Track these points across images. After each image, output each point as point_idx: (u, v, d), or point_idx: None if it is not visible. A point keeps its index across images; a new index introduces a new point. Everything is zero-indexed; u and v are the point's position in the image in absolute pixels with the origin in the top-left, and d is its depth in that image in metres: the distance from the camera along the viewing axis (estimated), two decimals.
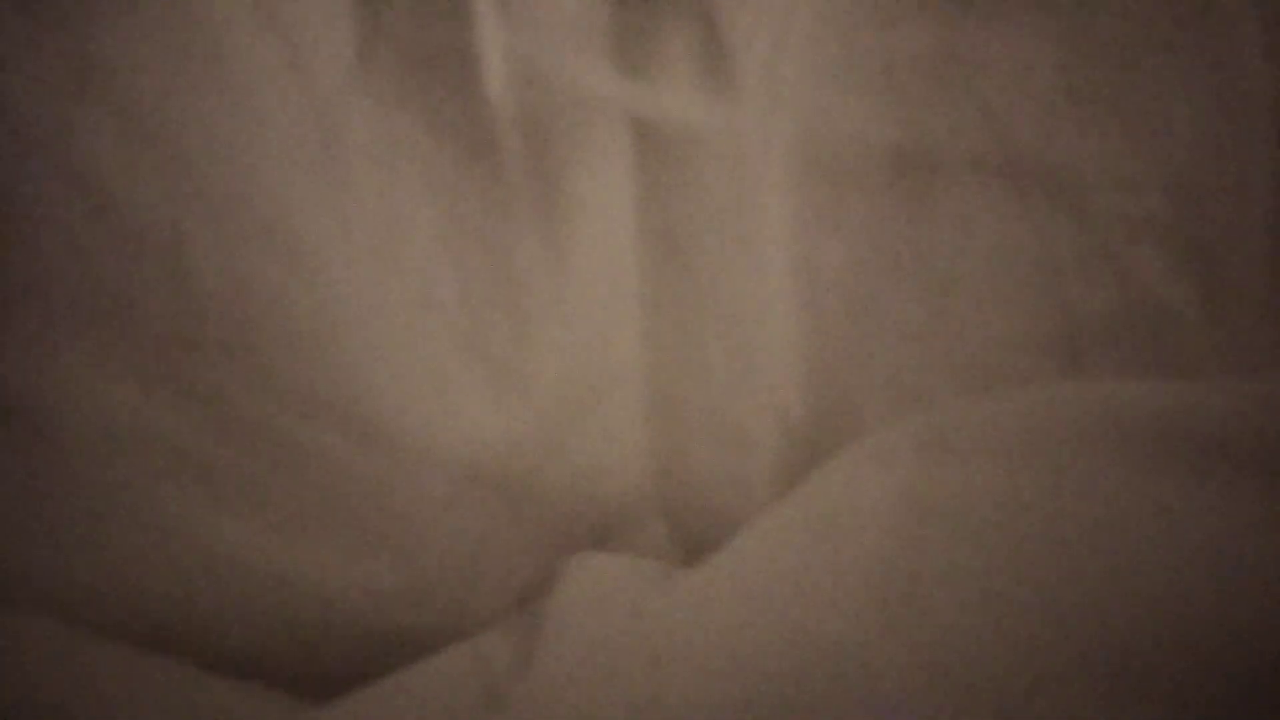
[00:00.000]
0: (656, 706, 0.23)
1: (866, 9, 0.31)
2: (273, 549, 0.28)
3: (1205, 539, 0.19)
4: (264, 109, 0.28)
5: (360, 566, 0.29)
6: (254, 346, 0.27)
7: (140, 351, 0.27)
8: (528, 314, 0.29)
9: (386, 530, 0.29)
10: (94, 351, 0.27)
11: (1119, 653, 0.19)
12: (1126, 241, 0.30)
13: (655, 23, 0.29)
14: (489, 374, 0.29)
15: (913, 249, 0.31)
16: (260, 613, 0.29)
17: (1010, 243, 0.30)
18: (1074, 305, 0.30)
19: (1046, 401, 0.24)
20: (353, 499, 0.29)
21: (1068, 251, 0.30)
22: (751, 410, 0.31)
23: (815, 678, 0.19)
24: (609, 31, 0.29)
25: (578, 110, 0.29)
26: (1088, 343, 0.30)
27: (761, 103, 0.30)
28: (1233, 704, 0.17)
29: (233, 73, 0.28)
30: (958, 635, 0.19)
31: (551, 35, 0.29)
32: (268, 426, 0.28)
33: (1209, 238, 0.30)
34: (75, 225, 0.27)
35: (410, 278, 0.29)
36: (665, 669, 0.24)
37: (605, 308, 0.30)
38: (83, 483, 0.28)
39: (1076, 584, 0.19)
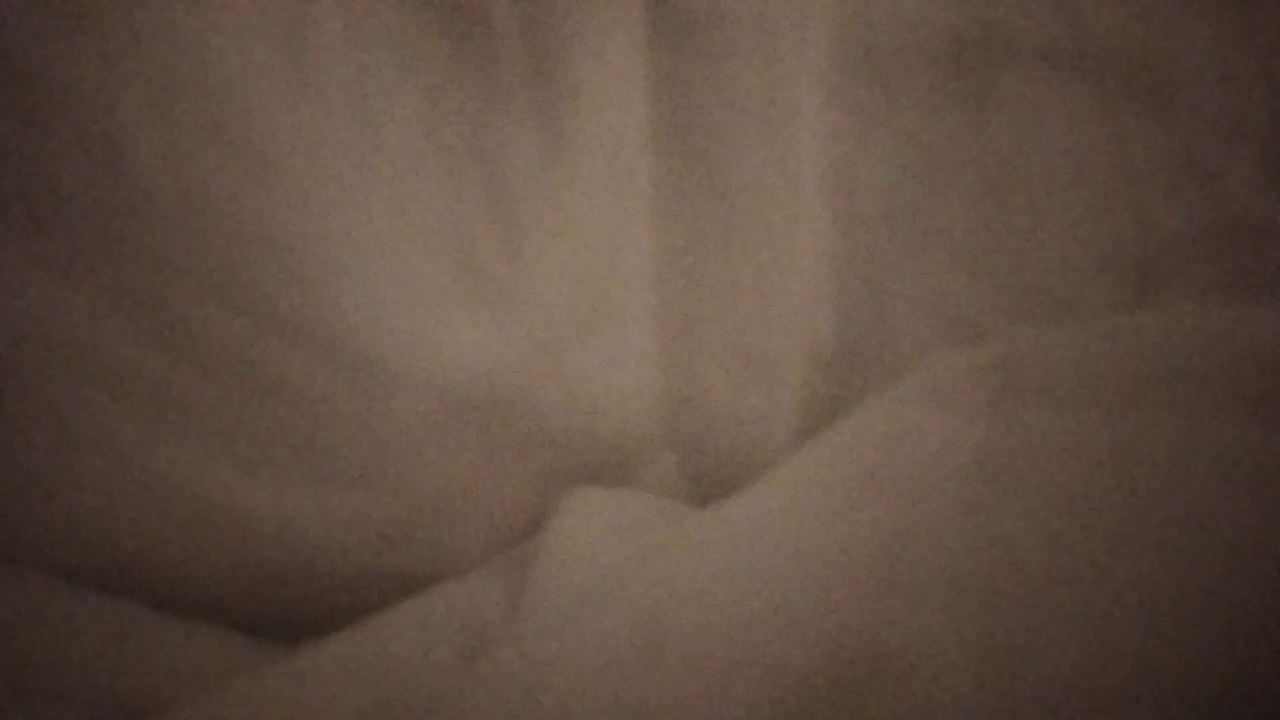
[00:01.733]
0: (651, 663, 0.20)
1: None
2: (235, 481, 0.25)
3: None
4: (231, 45, 0.23)
5: (332, 502, 0.26)
6: (207, 257, 0.24)
7: (78, 255, 0.23)
8: (522, 222, 0.25)
9: (361, 462, 0.25)
10: (24, 251, 0.23)
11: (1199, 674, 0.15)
12: (1217, 146, 0.26)
13: None
14: (478, 290, 0.25)
15: (968, 153, 0.27)
16: (221, 551, 0.26)
17: (1082, 146, 0.26)
18: (1154, 220, 0.26)
19: (1126, 335, 0.20)
20: (323, 427, 0.25)
21: (1149, 157, 0.26)
22: (776, 335, 0.27)
23: (851, 675, 0.16)
24: None
25: (594, 17, 0.24)
26: (1169, 264, 0.25)
27: None
28: None
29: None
30: (1032, 645, 0.15)
31: None
32: (226, 346, 0.24)
33: None
34: None
35: (387, 180, 0.24)
36: (664, 621, 0.21)
37: (611, 216, 0.26)
38: (25, 409, 0.24)
39: (1163, 578, 0.16)
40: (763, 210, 0.27)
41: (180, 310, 0.24)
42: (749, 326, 0.27)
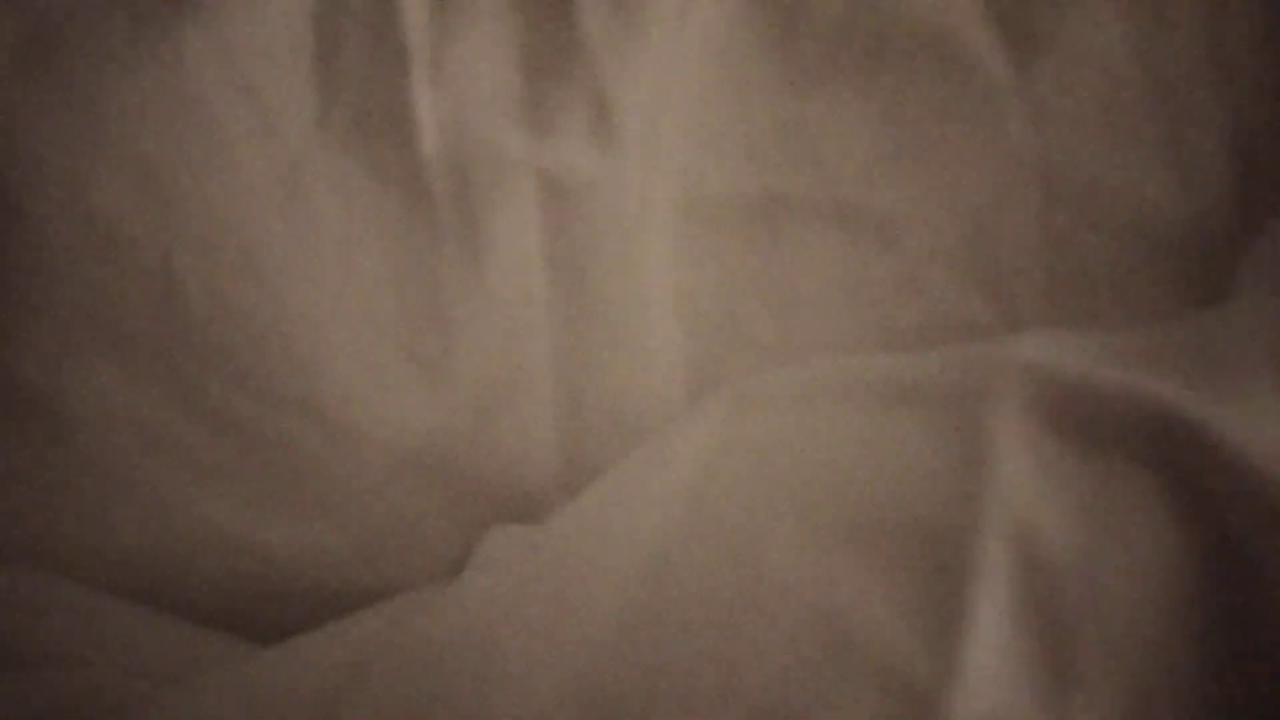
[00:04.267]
0: (555, 639, 0.27)
1: (730, 86, 0.37)
2: (239, 517, 0.33)
3: (897, 459, 0.24)
4: (241, 159, 0.33)
5: (311, 532, 0.33)
6: (228, 350, 0.32)
7: (135, 355, 0.32)
8: (453, 324, 0.34)
9: (333, 501, 0.33)
10: (97, 355, 0.32)
11: None
12: (929, 267, 0.36)
13: (557, 94, 0.35)
14: (420, 372, 0.34)
15: (767, 277, 0.37)
16: (227, 570, 0.33)
17: (840, 271, 0.36)
18: (890, 320, 0.36)
19: (831, 369, 0.29)
20: (305, 475, 0.33)
21: (885, 277, 0.36)
22: (643, 404, 0.36)
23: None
24: (521, 99, 0.35)
25: (495, 164, 0.35)
26: (899, 349, 0.35)
27: (643, 160, 0.36)
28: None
29: (214, 129, 0.33)
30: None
31: (475, 102, 0.35)
32: (238, 415, 0.32)
33: (995, 262, 0.36)
34: (85, 255, 0.31)
35: (358, 295, 0.34)
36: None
37: (518, 321, 0.35)
38: (84, 462, 0.32)
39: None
40: (627, 316, 0.36)
41: (209, 390, 0.32)
42: (622, 399, 0.36)
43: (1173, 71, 0.36)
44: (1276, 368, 0.23)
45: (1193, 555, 0.22)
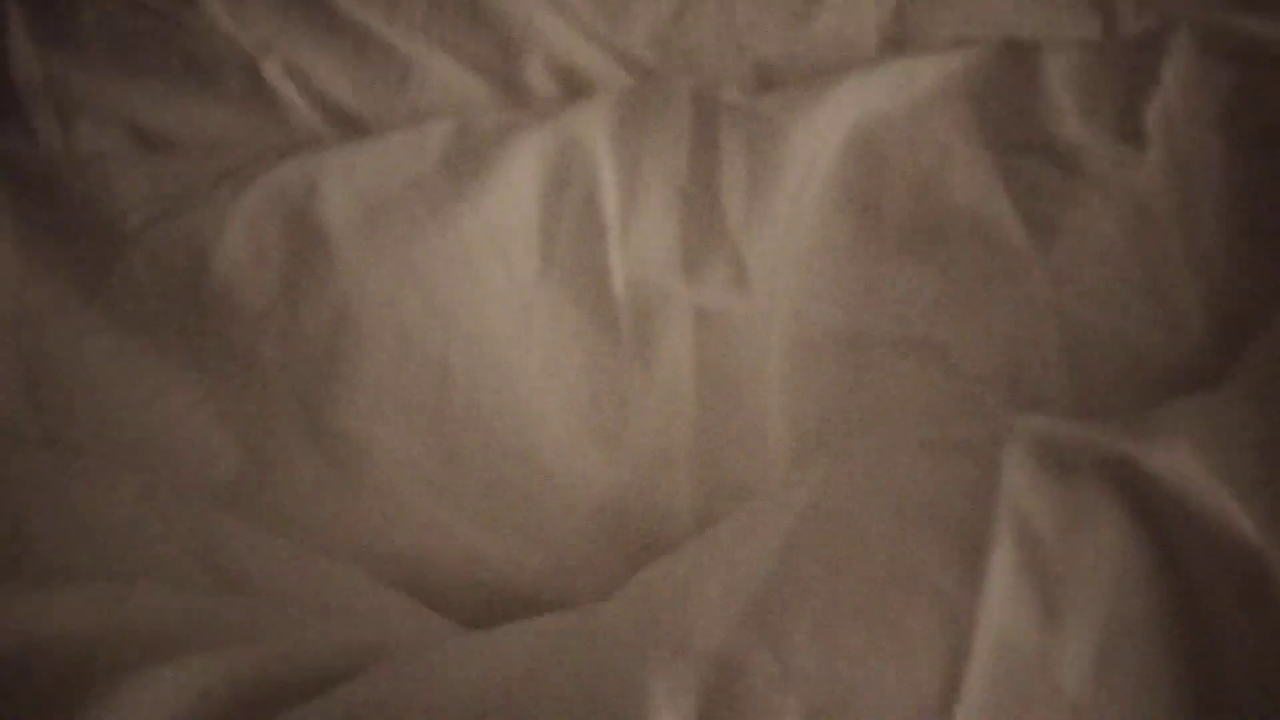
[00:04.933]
0: None
1: (829, 252, 0.51)
2: (472, 533, 0.45)
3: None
4: (492, 296, 0.48)
5: (519, 549, 0.45)
6: (478, 416, 0.46)
7: (419, 418, 0.46)
8: (628, 411, 0.48)
9: (536, 529, 0.46)
10: (393, 417, 0.46)
11: None
12: (980, 388, 0.48)
13: (707, 253, 0.50)
14: (603, 444, 0.47)
15: (855, 392, 0.49)
16: (456, 571, 0.45)
17: (910, 388, 0.48)
18: (948, 425, 0.47)
19: (894, 435, 0.40)
20: (521, 507, 0.46)
21: (947, 394, 0.48)
22: (759, 479, 0.48)
23: None
24: (682, 257, 0.50)
25: (663, 302, 0.49)
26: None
27: (767, 302, 0.50)
28: None
29: (477, 277, 0.49)
30: None
31: (650, 260, 0.49)
32: (481, 461, 0.46)
33: (1030, 386, 0.48)
34: (392, 350, 0.46)
35: (565, 388, 0.48)
36: None
37: (674, 412, 0.48)
38: (374, 488, 0.45)
39: None
40: (751, 417, 0.49)
41: (457, 438, 0.46)
42: (744, 476, 0.48)
43: (1155, 251, 0.49)
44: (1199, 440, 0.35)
45: (1140, 544, 0.32)
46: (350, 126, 0.59)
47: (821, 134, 0.52)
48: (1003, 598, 0.31)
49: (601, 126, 0.53)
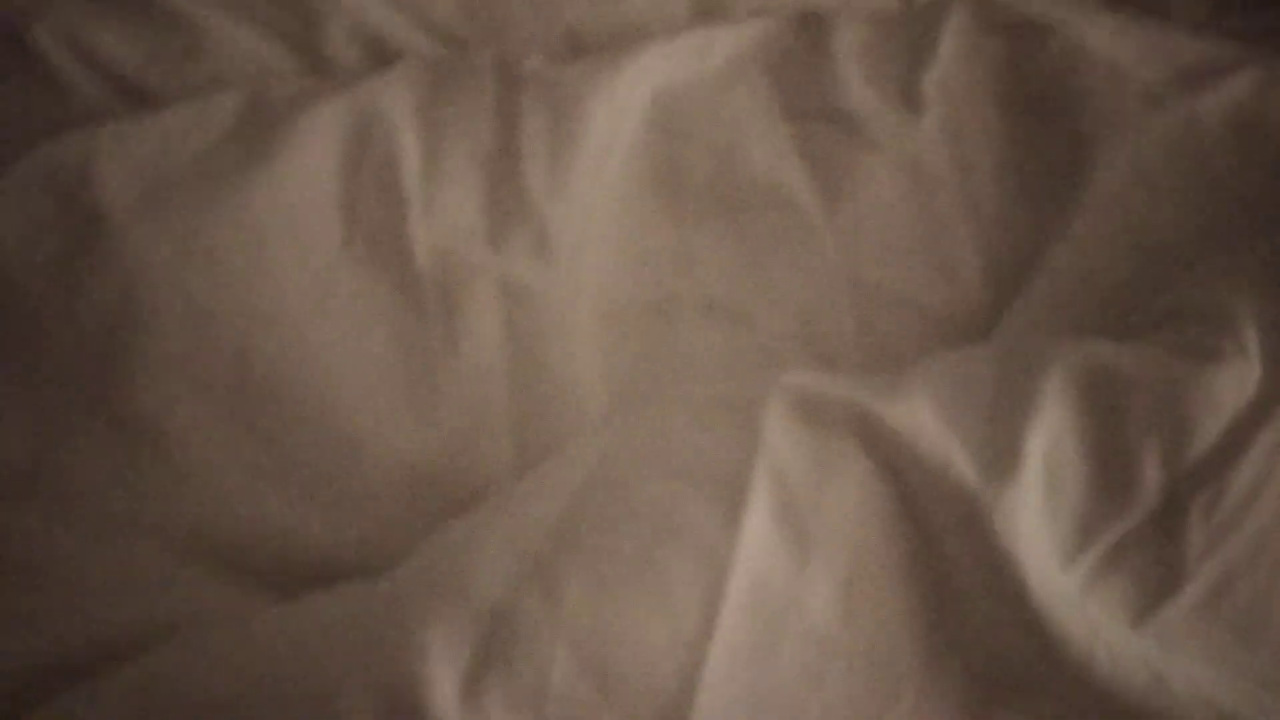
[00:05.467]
0: None
1: (632, 221, 0.52)
2: (283, 508, 0.44)
3: None
4: (289, 270, 0.47)
5: (330, 520, 0.45)
6: (281, 390, 0.46)
7: (219, 393, 0.45)
8: (437, 383, 0.48)
9: (349, 499, 0.45)
10: (195, 393, 0.45)
11: None
12: (780, 344, 0.50)
13: (510, 225, 0.50)
14: (414, 414, 0.47)
15: (664, 352, 0.51)
16: (270, 545, 0.44)
17: (714, 349, 0.50)
18: (733, 385, 0.49)
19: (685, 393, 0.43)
20: (331, 479, 0.45)
21: (747, 351, 0.50)
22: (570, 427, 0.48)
23: None
24: (485, 229, 0.50)
25: (468, 273, 0.49)
26: None
27: (571, 270, 0.50)
28: None
29: (270, 252, 0.47)
30: None
31: (452, 232, 0.49)
32: (287, 436, 0.45)
33: (824, 341, 0.50)
34: (187, 329, 0.45)
35: (371, 361, 0.47)
36: None
37: (484, 382, 0.48)
38: (178, 467, 0.44)
39: None
40: (563, 383, 0.50)
41: (263, 413, 0.45)
42: (559, 443, 0.49)
43: (933, 210, 0.52)
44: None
45: (881, 491, 0.36)
46: (137, 100, 0.56)
47: (622, 104, 0.53)
48: (758, 543, 0.34)
49: (403, 96, 0.52)
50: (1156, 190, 0.50)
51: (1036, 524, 0.35)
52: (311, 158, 0.49)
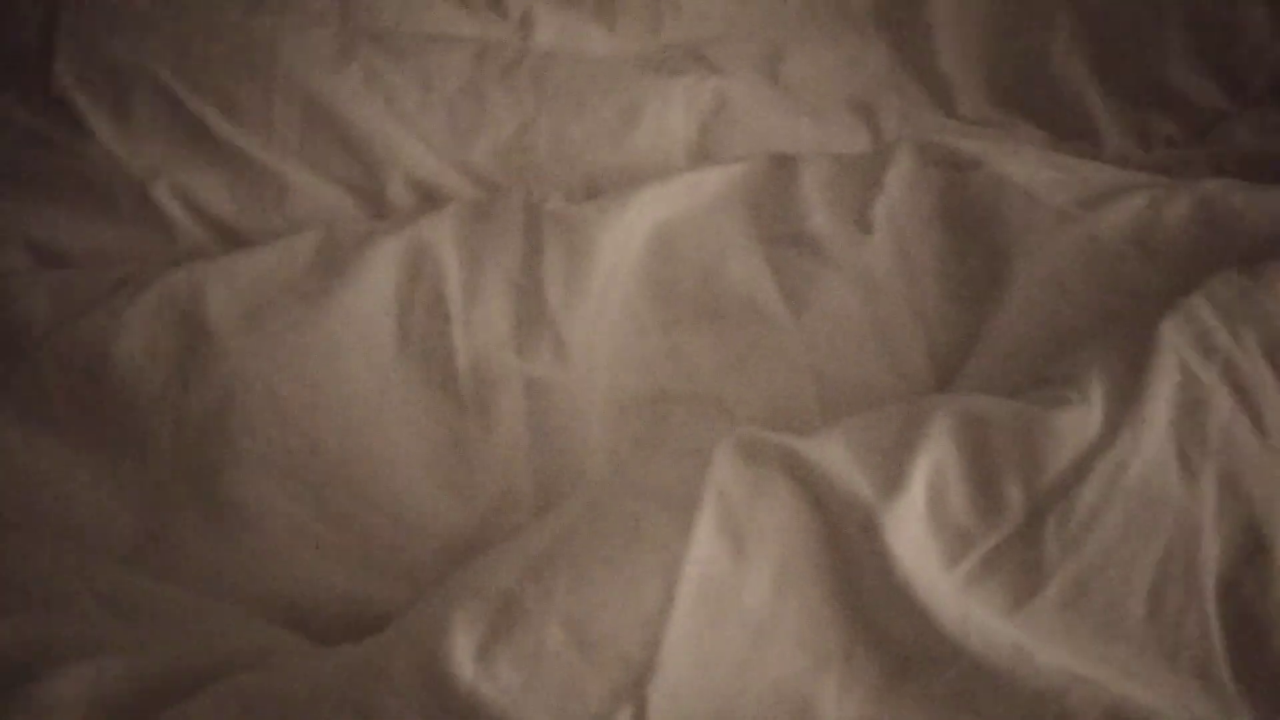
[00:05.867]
0: None
1: (634, 328, 0.62)
2: (341, 577, 0.54)
3: None
4: (355, 373, 0.58)
5: (384, 588, 0.54)
6: (344, 473, 0.56)
7: (291, 476, 0.55)
8: (473, 465, 0.58)
9: (400, 569, 0.54)
10: (272, 474, 0.55)
11: None
12: (748, 423, 0.60)
13: (534, 334, 0.61)
14: (453, 494, 0.57)
15: (655, 440, 0.60)
16: (326, 607, 0.53)
17: (697, 434, 0.60)
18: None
19: None
20: (385, 552, 0.55)
21: (726, 433, 0.60)
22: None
23: None
24: (514, 337, 0.60)
25: (500, 375, 0.60)
26: None
27: (585, 371, 0.61)
28: None
29: (340, 358, 0.58)
30: None
31: (487, 340, 0.60)
32: (347, 513, 0.55)
33: (792, 428, 0.60)
34: (276, 421, 0.56)
35: (417, 448, 0.58)
36: None
37: (512, 463, 0.58)
38: (251, 542, 0.54)
39: None
40: (579, 465, 0.60)
41: (329, 491, 0.55)
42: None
43: (884, 314, 0.62)
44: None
45: (802, 506, 0.45)
46: (232, 240, 0.69)
47: (626, 233, 0.65)
48: (704, 546, 0.43)
49: (448, 232, 0.64)
50: (1066, 290, 0.59)
51: (922, 534, 0.44)
52: (374, 282, 0.61)
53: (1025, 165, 0.66)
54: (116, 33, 0.72)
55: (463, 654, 0.40)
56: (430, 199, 0.72)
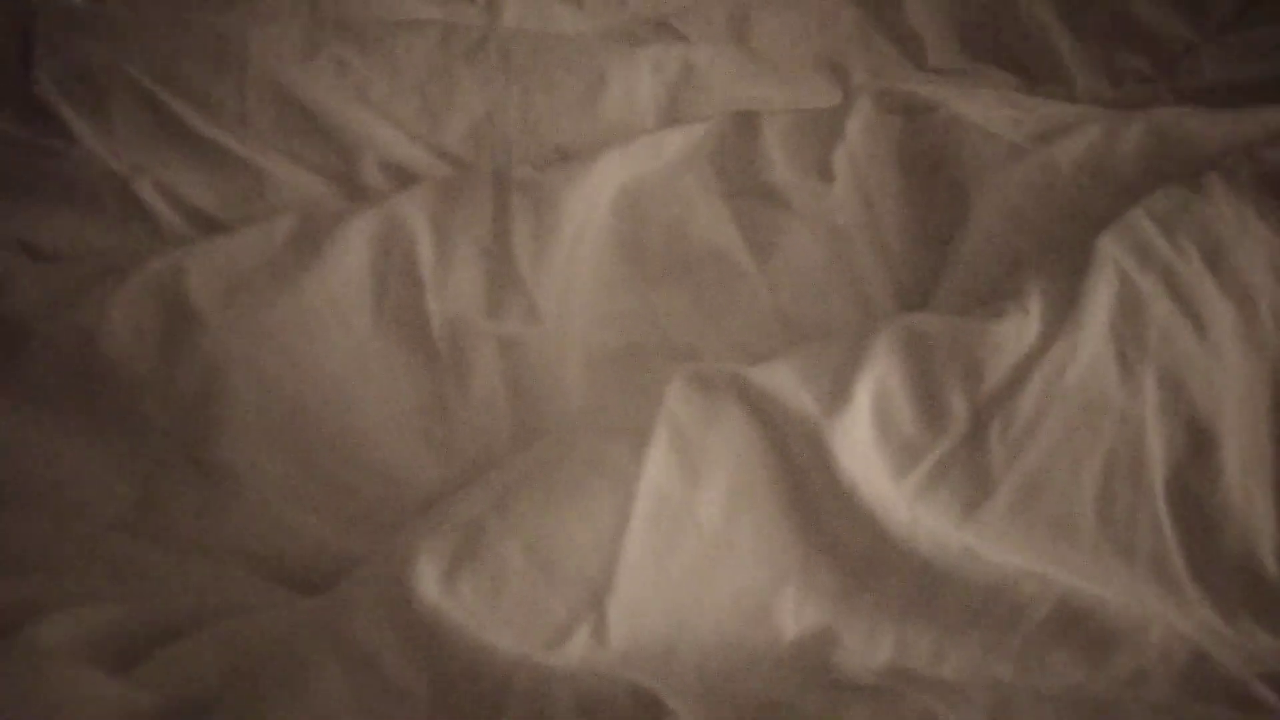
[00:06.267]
0: None
1: (604, 284, 0.64)
2: (327, 530, 0.56)
3: None
4: (333, 338, 0.60)
5: (367, 541, 0.56)
6: (329, 435, 0.58)
7: (279, 441, 0.57)
8: (452, 423, 0.60)
9: (383, 521, 0.56)
10: (263, 441, 0.57)
11: None
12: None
13: (506, 295, 0.63)
14: (433, 449, 0.59)
15: (634, 388, 0.62)
16: (311, 558, 0.55)
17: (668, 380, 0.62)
18: None
19: None
20: (370, 507, 0.57)
21: None
22: None
23: None
24: (486, 300, 0.62)
25: (473, 336, 0.61)
26: None
27: (557, 328, 0.62)
28: None
29: (316, 328, 0.60)
30: None
31: (460, 303, 0.62)
32: (333, 472, 0.57)
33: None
34: (258, 395, 0.58)
35: (397, 409, 0.60)
36: None
37: (489, 421, 0.60)
38: (246, 500, 0.56)
39: None
40: (554, 418, 0.62)
41: (315, 453, 0.57)
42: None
43: (848, 255, 0.64)
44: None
45: (752, 428, 0.47)
46: (214, 231, 0.71)
47: (592, 194, 0.66)
48: (657, 468, 0.46)
49: (419, 206, 0.66)
50: (1023, 220, 0.61)
51: (869, 447, 0.45)
52: (348, 256, 0.63)
53: (982, 105, 0.67)
54: (91, 38, 0.74)
55: (428, 579, 0.42)
56: (404, 182, 0.74)
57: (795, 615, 0.44)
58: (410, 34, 0.78)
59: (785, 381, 0.47)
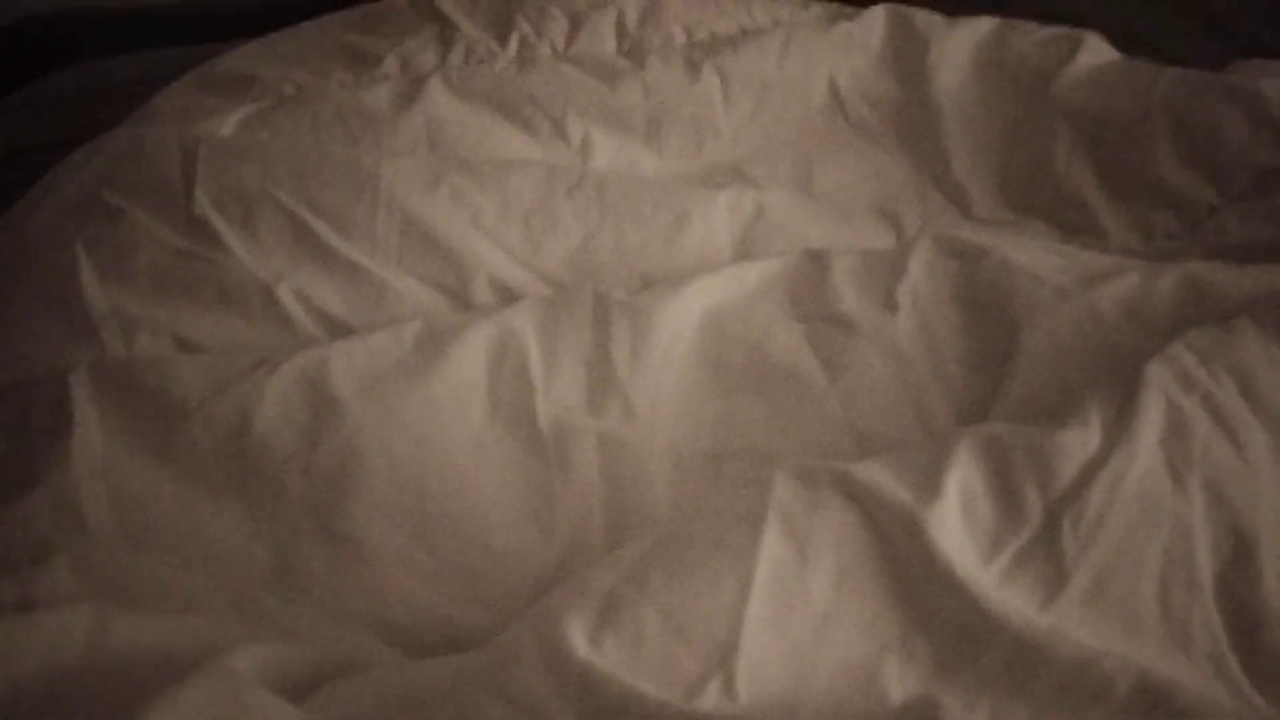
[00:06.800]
0: None
1: (689, 392, 0.72)
2: (440, 602, 0.62)
3: None
4: (452, 433, 0.68)
5: (480, 616, 0.62)
6: (447, 516, 0.65)
7: (402, 522, 0.64)
8: (556, 509, 0.67)
9: (494, 599, 0.63)
10: (390, 522, 0.64)
11: None
12: None
13: (604, 397, 0.70)
14: (539, 531, 0.66)
15: (714, 492, 0.69)
16: (425, 628, 0.61)
17: (747, 481, 0.68)
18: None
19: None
20: (481, 583, 0.63)
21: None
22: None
23: None
24: (587, 400, 0.70)
25: (577, 431, 0.69)
26: None
27: (649, 430, 0.70)
28: None
29: (440, 423, 0.68)
30: None
31: (566, 402, 0.70)
32: (449, 551, 0.64)
33: None
34: (392, 480, 0.65)
35: (509, 493, 0.67)
36: None
37: (588, 509, 0.67)
38: (370, 574, 0.63)
39: None
40: (644, 513, 0.69)
41: (433, 533, 0.64)
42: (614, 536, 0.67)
43: (911, 379, 0.71)
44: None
45: (853, 515, 0.53)
46: (342, 333, 0.80)
47: (681, 316, 0.75)
48: (772, 549, 0.52)
49: (528, 318, 0.75)
50: (1069, 353, 0.68)
51: (960, 536, 0.52)
52: (468, 359, 0.72)
53: (1029, 252, 0.76)
54: (245, 164, 0.86)
55: (577, 637, 0.48)
56: (510, 298, 0.83)
57: (899, 682, 0.49)
58: (518, 171, 0.89)
59: (880, 476, 0.54)
